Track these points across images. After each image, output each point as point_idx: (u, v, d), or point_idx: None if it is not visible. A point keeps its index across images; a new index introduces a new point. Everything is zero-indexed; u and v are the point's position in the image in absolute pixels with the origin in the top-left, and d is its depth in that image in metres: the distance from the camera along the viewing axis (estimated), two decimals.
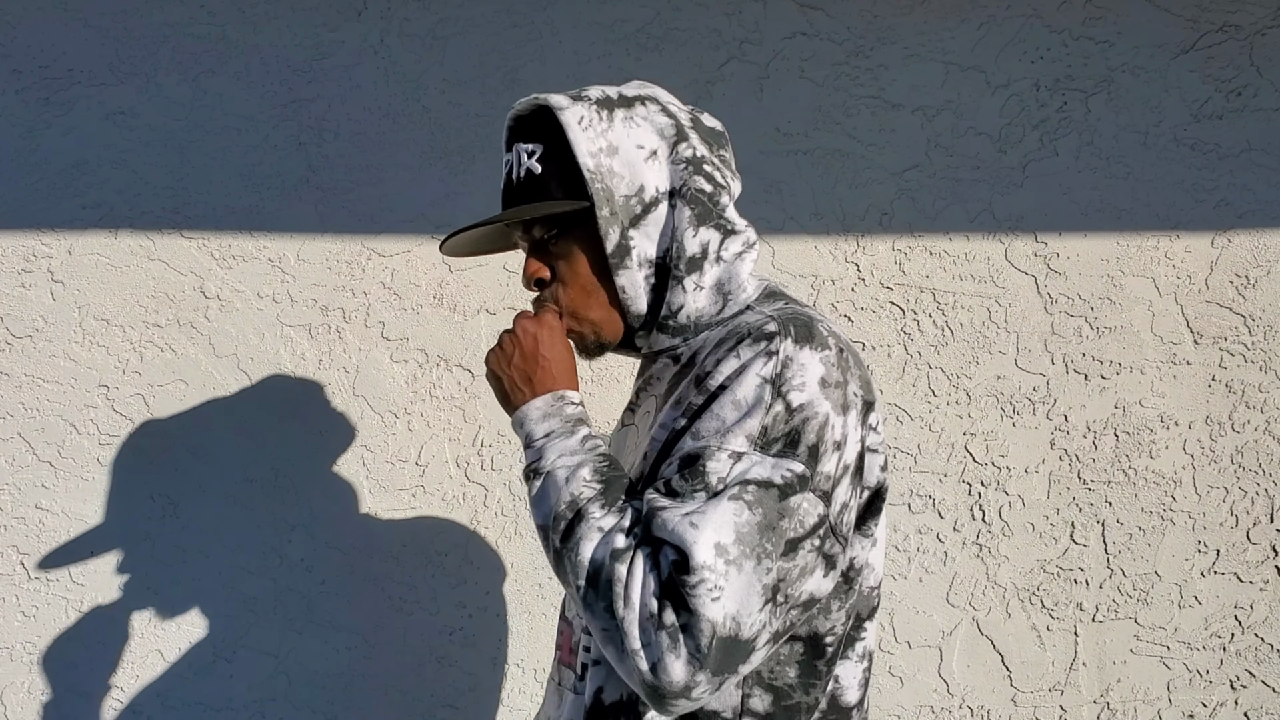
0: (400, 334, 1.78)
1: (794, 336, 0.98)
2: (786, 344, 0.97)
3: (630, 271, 1.06)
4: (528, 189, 1.08)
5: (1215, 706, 1.83)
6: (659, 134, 1.08)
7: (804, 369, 0.96)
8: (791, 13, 1.80)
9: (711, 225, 1.07)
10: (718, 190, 1.08)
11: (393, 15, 1.77)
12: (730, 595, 0.90)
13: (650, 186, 1.06)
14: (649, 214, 1.06)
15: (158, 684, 1.76)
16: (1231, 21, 1.82)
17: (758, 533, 0.92)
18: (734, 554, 0.91)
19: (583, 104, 1.08)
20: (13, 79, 1.75)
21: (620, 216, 1.05)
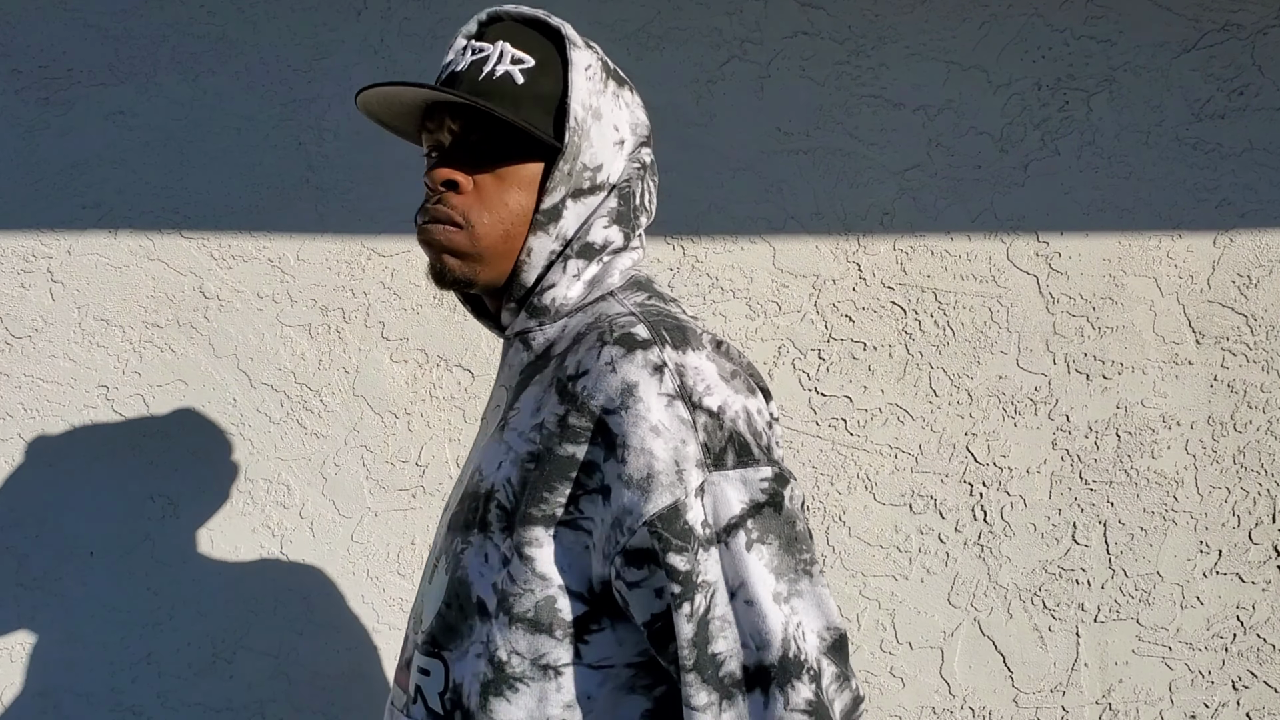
0: (400, 334, 1.77)
1: (671, 343, 0.91)
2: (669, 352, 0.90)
3: (545, 239, 0.98)
4: (498, 91, 0.97)
5: (1217, 707, 1.82)
6: (632, 128, 1.03)
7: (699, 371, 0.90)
8: (792, 11, 1.80)
9: (622, 228, 1.01)
10: (643, 207, 1.04)
11: (393, 15, 1.77)
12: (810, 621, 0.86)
13: (605, 170, 1.00)
14: (591, 195, 1.00)
15: (157, 684, 1.75)
16: (1233, 20, 1.81)
17: (786, 556, 0.87)
18: (786, 591, 0.86)
19: (591, 53, 1.03)
20: (12, 79, 1.75)
21: (572, 181, 0.98)
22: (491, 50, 0.99)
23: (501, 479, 0.94)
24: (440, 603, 0.96)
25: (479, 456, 1.00)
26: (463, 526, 0.96)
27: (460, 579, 0.95)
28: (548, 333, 1.00)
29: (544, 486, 0.91)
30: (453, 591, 0.95)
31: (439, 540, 1.02)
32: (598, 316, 0.97)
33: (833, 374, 1.80)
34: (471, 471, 0.99)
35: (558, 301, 0.99)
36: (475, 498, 0.96)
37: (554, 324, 1.00)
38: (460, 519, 0.97)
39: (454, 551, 0.96)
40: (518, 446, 0.94)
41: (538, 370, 0.98)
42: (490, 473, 0.96)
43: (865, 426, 1.80)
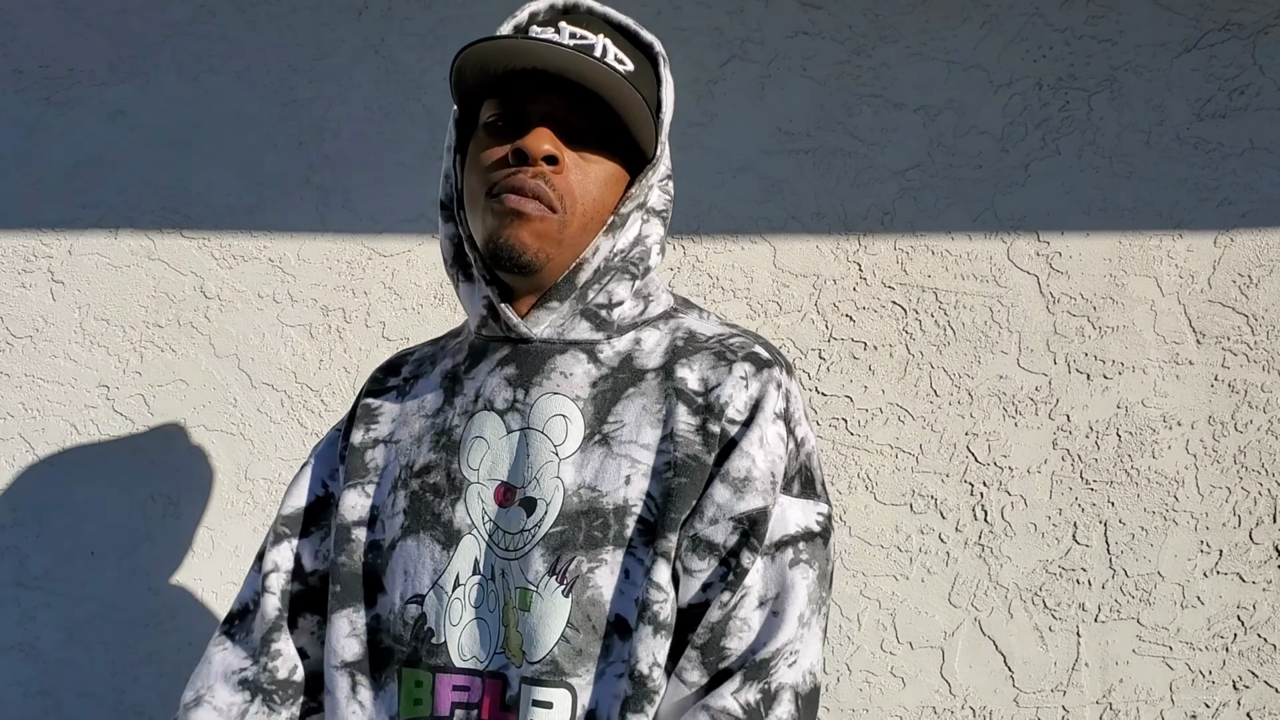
0: (401, 334, 1.77)
1: (784, 366, 0.99)
2: (783, 375, 0.98)
3: (609, 243, 0.99)
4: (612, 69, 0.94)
5: (1218, 707, 1.82)
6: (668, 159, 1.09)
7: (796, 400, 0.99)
8: (793, 11, 1.80)
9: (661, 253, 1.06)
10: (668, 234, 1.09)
11: (393, 15, 1.77)
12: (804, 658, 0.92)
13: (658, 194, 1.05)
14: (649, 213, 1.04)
15: (159, 684, 1.76)
16: (1234, 20, 1.81)
17: (819, 587, 0.94)
18: (808, 615, 0.92)
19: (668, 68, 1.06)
20: (13, 79, 1.75)
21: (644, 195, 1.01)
22: (595, 40, 0.96)
23: (637, 493, 0.94)
24: (561, 628, 0.92)
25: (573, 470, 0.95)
26: (585, 545, 0.93)
27: (592, 599, 0.93)
28: (617, 346, 1.01)
29: (690, 492, 0.94)
30: (581, 614, 0.93)
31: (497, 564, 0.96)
32: (690, 334, 1.01)
33: (833, 374, 1.80)
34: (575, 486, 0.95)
35: (624, 318, 1.02)
36: (595, 515, 0.94)
37: (620, 338, 1.02)
38: (571, 538, 0.93)
39: (572, 572, 0.93)
40: (645, 459, 0.95)
41: (629, 384, 0.98)
42: (616, 488, 0.94)
43: (866, 426, 1.80)
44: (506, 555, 0.96)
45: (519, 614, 0.94)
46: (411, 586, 0.98)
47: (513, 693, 0.93)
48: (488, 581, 0.95)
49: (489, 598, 0.95)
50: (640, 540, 0.94)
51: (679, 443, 0.95)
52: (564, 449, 0.96)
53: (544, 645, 0.92)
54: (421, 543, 0.99)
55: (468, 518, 0.98)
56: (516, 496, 0.96)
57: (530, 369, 1.00)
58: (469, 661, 0.94)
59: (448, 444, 1.01)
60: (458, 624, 0.95)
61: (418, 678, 0.96)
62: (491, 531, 0.97)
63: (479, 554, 0.96)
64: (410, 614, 0.97)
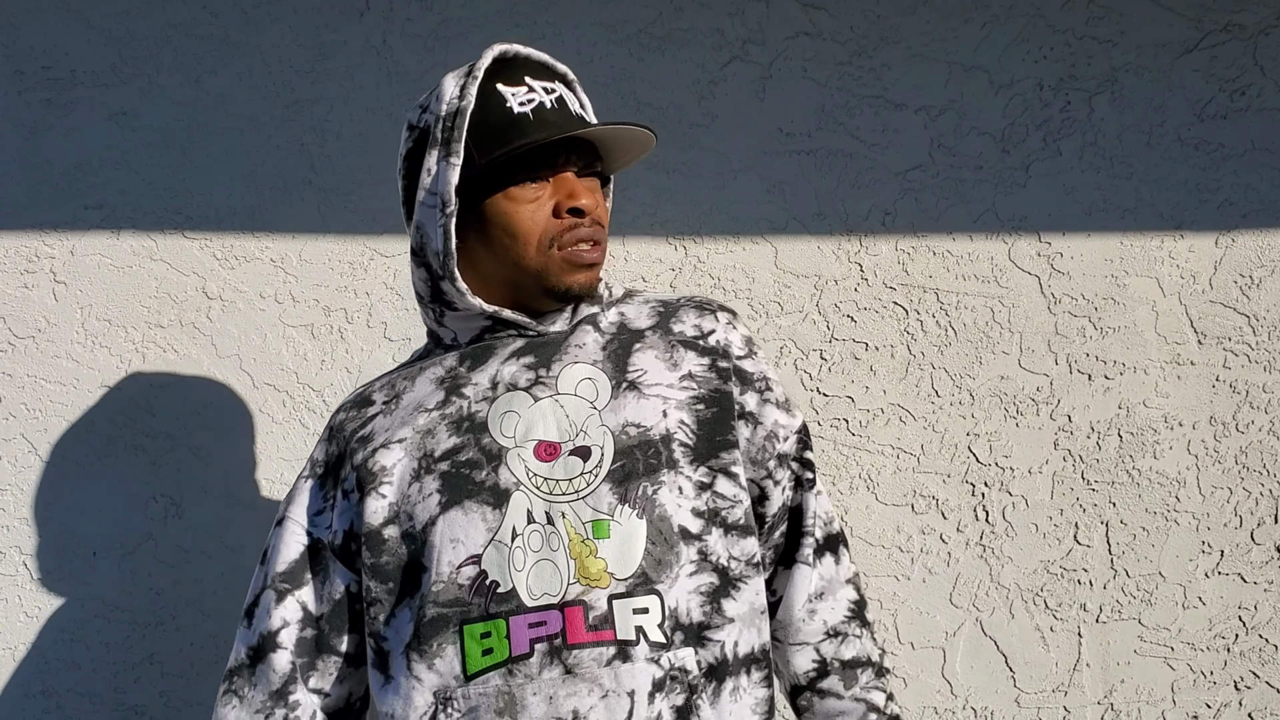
0: (403, 334, 1.78)
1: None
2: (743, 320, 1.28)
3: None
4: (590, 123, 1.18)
5: (1219, 707, 1.82)
6: None
7: None
8: (794, 12, 1.80)
9: None
10: None
11: (395, 16, 1.77)
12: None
13: None
14: None
15: (160, 684, 1.76)
16: (1235, 21, 1.81)
17: None
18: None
19: None
20: (15, 80, 1.75)
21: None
22: (557, 89, 1.15)
23: (674, 423, 1.13)
24: (644, 544, 1.07)
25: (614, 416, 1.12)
26: (645, 472, 1.10)
27: (660, 515, 1.09)
28: (610, 318, 1.21)
29: (726, 416, 1.16)
30: (654, 530, 1.08)
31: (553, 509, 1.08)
32: (660, 301, 1.24)
33: (834, 374, 1.80)
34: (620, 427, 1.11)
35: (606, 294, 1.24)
36: (646, 446, 1.11)
37: (608, 311, 1.22)
38: (633, 468, 1.09)
39: (642, 496, 1.09)
40: (675, 395, 1.14)
41: (634, 340, 1.18)
42: (653, 423, 1.12)
43: (867, 427, 1.80)
44: (564, 499, 1.09)
45: (595, 543, 1.07)
46: (463, 550, 1.08)
47: (599, 612, 1.05)
48: (545, 527, 1.07)
49: (550, 539, 1.07)
50: (684, 459, 1.12)
51: (699, 380, 1.16)
52: (599, 402, 1.13)
53: (632, 562, 1.07)
54: (468, 510, 1.09)
55: (513, 477, 1.10)
56: (563, 450, 1.10)
57: (548, 352, 1.16)
58: (541, 599, 1.05)
59: (472, 426, 1.13)
60: (522, 569, 1.06)
61: (484, 629, 1.06)
62: (539, 484, 1.09)
63: (530, 505, 1.08)
64: (466, 575, 1.07)
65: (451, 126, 1.11)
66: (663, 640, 1.05)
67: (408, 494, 1.12)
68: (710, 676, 1.08)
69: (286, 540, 1.19)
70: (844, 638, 1.20)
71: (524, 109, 1.11)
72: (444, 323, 1.20)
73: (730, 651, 1.09)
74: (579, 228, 1.13)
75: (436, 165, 1.12)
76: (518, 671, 1.04)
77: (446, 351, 1.21)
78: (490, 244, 1.14)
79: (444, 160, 1.11)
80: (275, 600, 1.17)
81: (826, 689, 1.19)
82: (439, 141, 1.11)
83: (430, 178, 1.12)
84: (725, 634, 1.09)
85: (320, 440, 1.23)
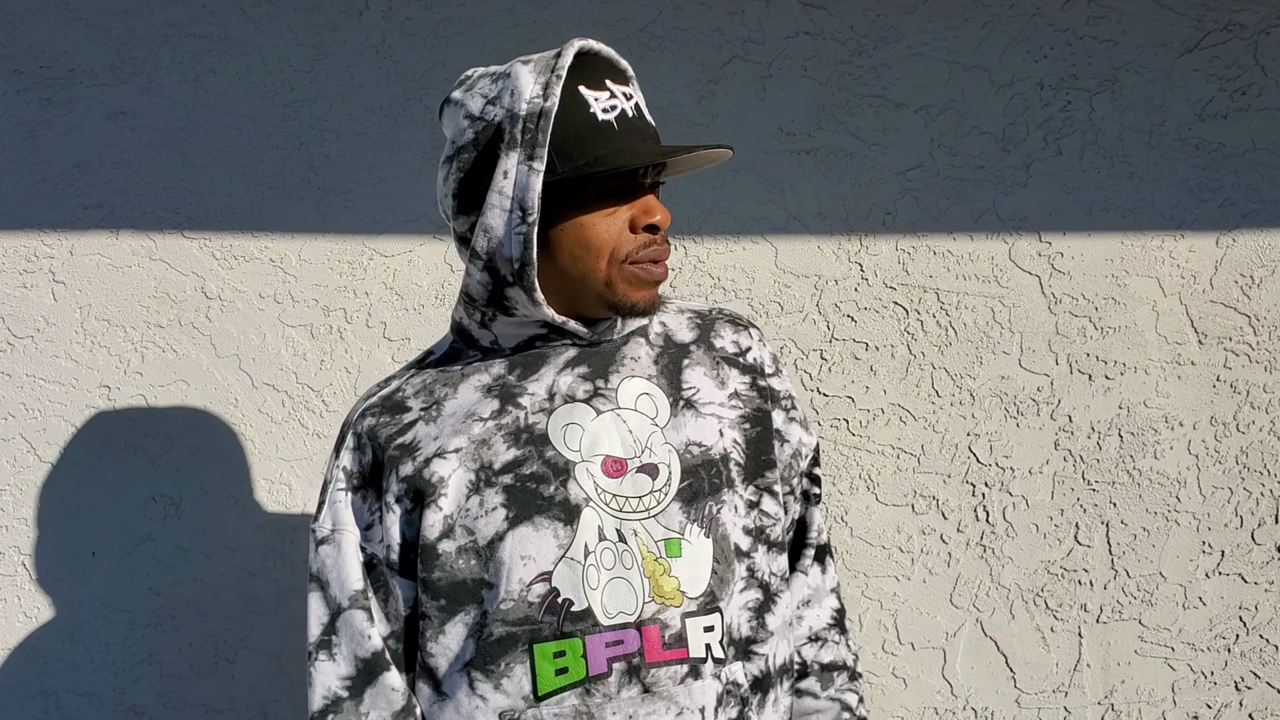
0: (402, 334, 1.77)
1: None
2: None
3: None
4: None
5: (1220, 708, 1.82)
6: None
7: None
8: (794, 12, 1.80)
9: None
10: None
11: (394, 14, 1.77)
12: None
13: None
14: None
15: (159, 685, 1.75)
16: (1236, 20, 1.81)
17: None
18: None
19: None
20: (14, 79, 1.75)
21: None
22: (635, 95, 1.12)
23: (729, 443, 1.15)
24: (710, 563, 1.09)
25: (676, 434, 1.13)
26: (710, 492, 1.11)
27: (722, 534, 1.11)
28: (654, 328, 1.20)
29: (767, 435, 1.18)
30: (719, 549, 1.10)
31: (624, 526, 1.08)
32: (694, 312, 1.23)
33: (835, 374, 1.80)
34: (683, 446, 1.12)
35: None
36: (709, 465, 1.12)
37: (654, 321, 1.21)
38: (700, 488, 1.11)
39: (708, 516, 1.10)
40: (727, 414, 1.16)
41: (682, 355, 1.18)
42: (713, 442, 1.13)
43: (867, 427, 1.80)
44: (635, 516, 1.08)
45: (668, 562, 1.07)
46: (534, 568, 1.06)
47: (674, 630, 1.06)
48: (617, 544, 1.07)
49: (623, 557, 1.07)
50: (739, 479, 1.14)
51: (744, 399, 1.18)
52: (659, 419, 1.13)
53: (702, 581, 1.08)
54: (539, 526, 1.07)
55: (582, 492, 1.08)
56: (630, 467, 1.10)
57: (602, 363, 1.15)
58: (616, 617, 1.05)
59: (532, 438, 1.10)
60: (597, 587, 1.06)
61: (557, 649, 1.05)
62: (608, 500, 1.08)
63: (600, 522, 1.08)
64: (536, 593, 1.06)
65: (535, 129, 1.04)
66: (722, 656, 1.08)
67: (466, 507, 1.09)
68: (756, 688, 1.11)
69: (349, 555, 1.13)
70: (824, 643, 1.25)
71: (608, 116, 1.08)
72: (491, 326, 1.14)
73: (771, 664, 1.14)
74: (653, 245, 1.10)
75: (516, 169, 1.05)
76: (596, 691, 1.04)
77: (486, 356, 1.16)
78: (559, 252, 1.10)
79: (526, 164, 1.05)
80: (366, 619, 1.11)
81: (804, 689, 1.23)
82: (519, 143, 1.05)
83: (508, 181, 1.06)
84: (768, 647, 1.13)
85: (346, 448, 1.15)
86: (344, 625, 1.12)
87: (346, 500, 1.14)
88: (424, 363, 1.20)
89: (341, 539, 1.13)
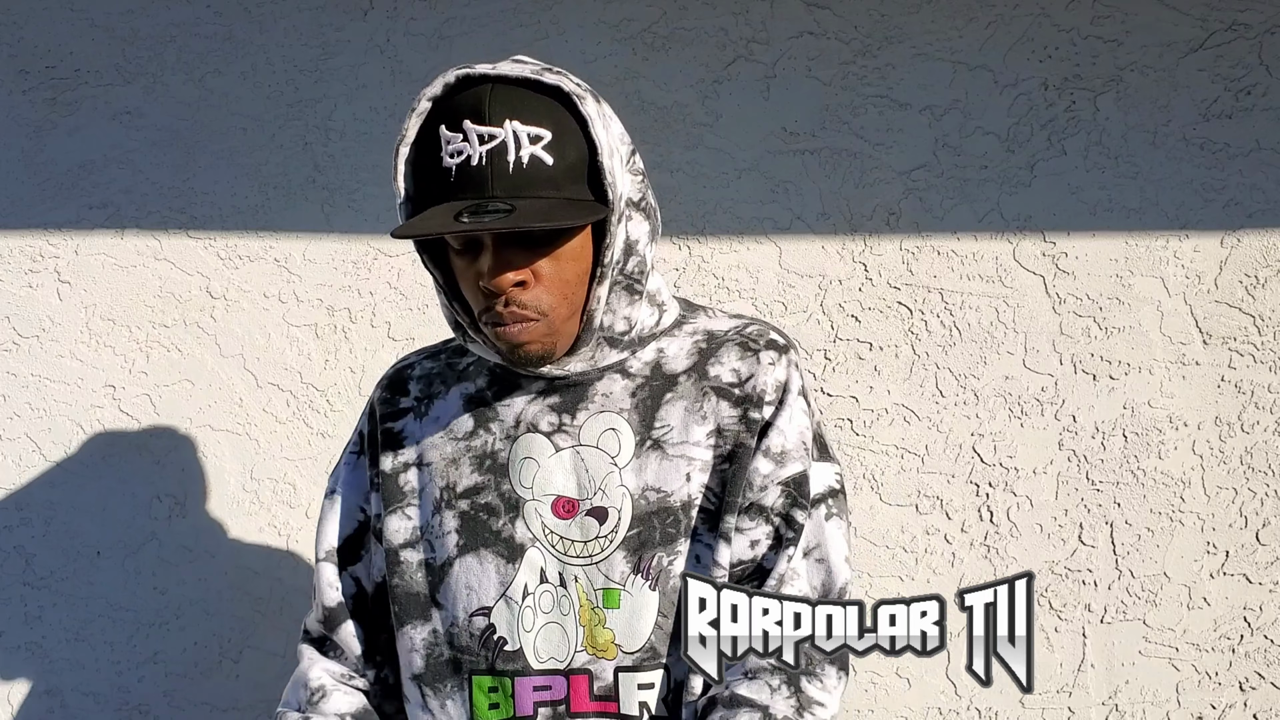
0: (406, 334, 1.78)
1: (795, 347, 1.12)
2: (796, 356, 1.11)
3: (607, 281, 1.02)
4: (533, 181, 0.96)
5: (1225, 708, 1.82)
6: (621, 138, 1.04)
7: (807, 376, 1.13)
8: (798, 12, 1.80)
9: (654, 242, 1.08)
10: (656, 210, 1.09)
11: (399, 14, 1.77)
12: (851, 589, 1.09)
13: (625, 191, 1.02)
14: (628, 220, 1.03)
15: (164, 684, 1.76)
16: (1241, 20, 1.81)
17: (849, 533, 1.11)
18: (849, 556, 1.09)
19: (589, 95, 1.00)
20: (19, 79, 1.75)
21: (618, 222, 1.00)
22: (502, 133, 0.95)
23: (698, 487, 1.05)
24: (655, 616, 1.03)
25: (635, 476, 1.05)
26: (661, 542, 1.03)
27: (674, 588, 1.03)
28: (644, 357, 1.10)
29: (743, 475, 1.05)
30: (666, 602, 1.03)
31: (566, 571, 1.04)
32: (709, 334, 1.11)
33: (839, 374, 1.80)
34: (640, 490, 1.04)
35: (644, 329, 1.09)
36: (665, 513, 1.04)
37: (644, 349, 1.10)
38: (649, 537, 1.03)
39: (655, 568, 1.03)
40: (700, 455, 1.05)
41: (666, 389, 1.08)
42: (675, 487, 1.05)
43: (871, 427, 1.80)
44: (578, 562, 1.04)
45: (604, 612, 1.03)
46: (476, 600, 1.05)
47: (605, 683, 1.03)
48: (557, 588, 1.04)
49: (560, 602, 1.04)
50: (704, 528, 1.05)
51: (726, 436, 1.06)
52: (620, 459, 1.05)
53: (641, 636, 1.03)
54: (483, 559, 1.06)
55: (528, 531, 1.05)
56: (581, 508, 1.05)
57: (572, 397, 1.08)
58: (547, 663, 1.03)
59: (493, 466, 1.08)
60: (531, 630, 1.04)
61: (491, 684, 1.04)
62: (555, 542, 1.05)
63: (544, 564, 1.05)
64: (477, 626, 1.05)
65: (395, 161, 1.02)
66: (664, 715, 1.04)
67: (430, 523, 1.09)
68: None
69: (335, 514, 1.16)
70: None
71: (451, 162, 0.97)
72: (469, 348, 1.12)
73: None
74: (493, 308, 1.00)
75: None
76: None
77: (480, 360, 1.14)
78: None
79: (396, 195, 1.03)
80: (335, 573, 1.16)
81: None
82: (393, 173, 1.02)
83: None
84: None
85: (364, 414, 1.19)
86: (316, 577, 1.17)
87: (354, 463, 1.18)
88: (445, 346, 1.20)
89: (335, 499, 1.17)
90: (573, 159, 0.98)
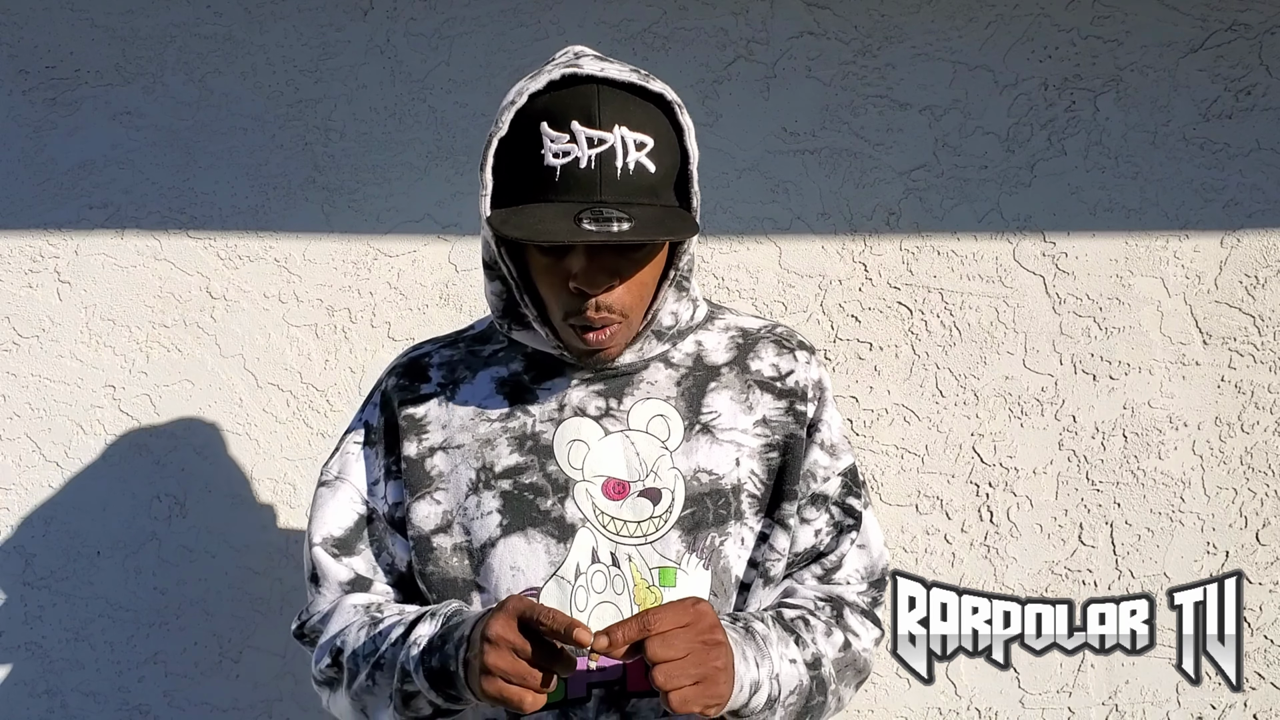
0: (406, 334, 1.77)
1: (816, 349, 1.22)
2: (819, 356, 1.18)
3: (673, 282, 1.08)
4: (639, 188, 0.97)
5: (1224, 709, 1.82)
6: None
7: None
8: (799, 12, 1.80)
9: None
10: None
11: (399, 15, 1.77)
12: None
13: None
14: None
15: (164, 684, 1.76)
16: (1241, 20, 1.81)
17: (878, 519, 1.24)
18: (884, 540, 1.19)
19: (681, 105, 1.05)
20: (20, 79, 1.75)
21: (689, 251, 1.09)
22: (611, 138, 0.97)
23: (745, 473, 1.09)
24: (707, 595, 1.06)
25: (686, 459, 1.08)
26: (714, 523, 1.07)
27: (723, 568, 1.07)
28: (685, 349, 1.14)
29: (795, 465, 1.10)
30: (718, 582, 1.07)
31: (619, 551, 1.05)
32: (741, 330, 1.17)
33: (839, 374, 1.80)
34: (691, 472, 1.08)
35: (684, 324, 1.13)
36: (716, 494, 1.08)
37: (683, 340, 1.14)
38: (703, 517, 1.07)
39: (709, 547, 1.07)
40: (748, 442, 1.10)
41: (710, 378, 1.12)
42: (727, 471, 1.09)
43: (871, 427, 1.80)
44: (631, 541, 1.06)
45: (660, 591, 1.05)
46: (523, 580, 1.05)
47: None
48: (610, 568, 1.05)
49: (614, 581, 1.05)
50: (750, 511, 1.09)
51: (773, 426, 1.11)
52: (670, 443, 1.09)
53: None
54: (531, 539, 1.06)
55: (579, 512, 1.06)
56: (632, 489, 1.07)
57: (618, 385, 1.11)
58: None
59: (536, 447, 1.08)
60: (584, 609, 1.04)
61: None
62: (606, 523, 1.06)
63: (595, 544, 1.05)
64: None
65: (484, 153, 1.00)
66: None
67: (464, 505, 1.08)
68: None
69: (342, 502, 1.13)
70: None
71: (555, 162, 0.96)
72: (513, 337, 1.12)
73: None
74: (585, 311, 1.01)
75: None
76: (573, 715, 1.02)
77: (513, 346, 1.14)
78: None
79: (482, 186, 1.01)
80: (332, 560, 1.12)
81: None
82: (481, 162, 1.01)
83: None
84: None
85: (372, 403, 1.16)
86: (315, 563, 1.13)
87: (359, 453, 1.15)
88: (461, 336, 1.19)
89: (340, 486, 1.14)
90: (668, 167, 1.01)
